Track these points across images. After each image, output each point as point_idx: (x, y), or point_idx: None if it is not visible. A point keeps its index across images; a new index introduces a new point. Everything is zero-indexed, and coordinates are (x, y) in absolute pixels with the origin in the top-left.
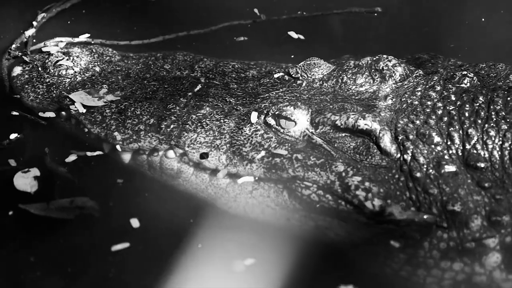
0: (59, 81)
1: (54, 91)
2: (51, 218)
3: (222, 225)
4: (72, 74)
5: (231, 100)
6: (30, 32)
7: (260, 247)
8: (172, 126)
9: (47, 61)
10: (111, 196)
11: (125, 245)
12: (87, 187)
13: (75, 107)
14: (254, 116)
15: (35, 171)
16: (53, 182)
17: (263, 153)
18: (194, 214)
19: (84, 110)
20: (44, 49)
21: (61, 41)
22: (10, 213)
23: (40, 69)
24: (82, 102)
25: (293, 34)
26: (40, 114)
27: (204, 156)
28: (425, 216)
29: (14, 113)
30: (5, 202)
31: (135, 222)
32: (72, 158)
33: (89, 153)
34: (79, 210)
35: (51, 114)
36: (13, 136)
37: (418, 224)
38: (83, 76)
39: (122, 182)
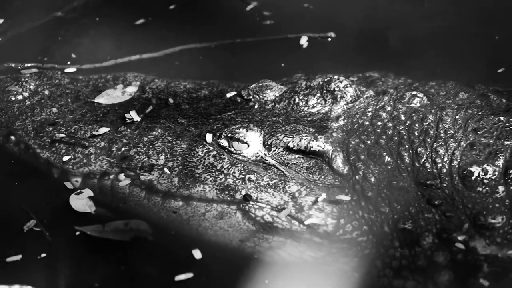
0: (8, 106)
1: (3, 116)
2: (111, 241)
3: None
4: (20, 98)
5: (183, 121)
6: None
7: (212, 267)
8: (123, 149)
9: None
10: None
11: (189, 275)
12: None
13: (130, 115)
14: (209, 137)
15: (88, 192)
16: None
17: (215, 174)
18: None
19: (139, 119)
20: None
21: (11, 66)
22: (77, 233)
23: None
24: (109, 102)
25: None
26: None
27: (247, 197)
28: (509, 252)
29: None
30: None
31: (197, 253)
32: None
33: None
34: (133, 233)
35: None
36: None
37: (501, 261)
38: (32, 100)
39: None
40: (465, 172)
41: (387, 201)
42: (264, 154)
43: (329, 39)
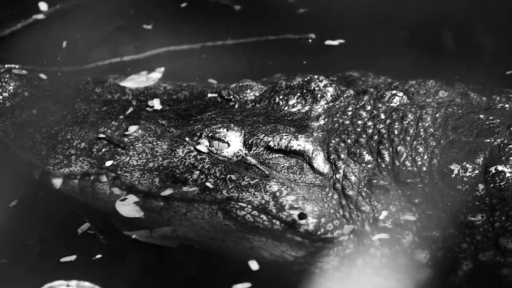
0: None
1: None
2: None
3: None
4: (0, 100)
5: (163, 122)
6: None
7: (150, 264)
8: (104, 150)
9: None
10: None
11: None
12: None
13: (153, 103)
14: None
15: (132, 197)
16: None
17: (196, 174)
18: None
19: (160, 107)
20: None
21: None
22: (134, 236)
23: None
24: (134, 86)
25: None
26: None
27: (303, 216)
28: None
29: None
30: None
31: (254, 265)
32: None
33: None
34: (180, 240)
35: None
36: None
37: (481, 260)
38: (12, 101)
39: None
40: (444, 170)
41: (368, 200)
42: (245, 153)
43: (310, 40)
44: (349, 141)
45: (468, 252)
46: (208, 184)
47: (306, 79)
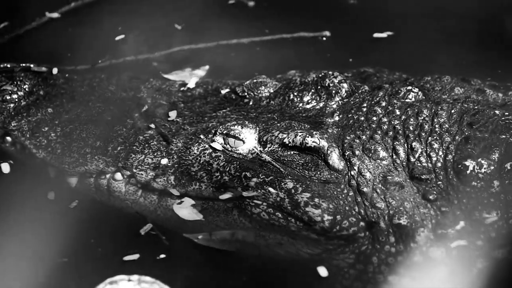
0: (3, 106)
1: None
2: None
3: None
4: (16, 99)
5: (178, 119)
6: None
7: (209, 266)
8: (119, 148)
9: None
10: None
11: None
12: None
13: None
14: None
15: (189, 200)
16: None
17: (211, 171)
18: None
19: (175, 118)
20: None
21: (7, 66)
22: (200, 236)
23: None
24: (177, 78)
25: None
26: None
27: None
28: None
29: None
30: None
31: (322, 271)
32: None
33: None
34: (239, 244)
35: None
36: None
37: (495, 256)
38: (27, 100)
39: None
40: (459, 166)
41: (383, 197)
42: (260, 151)
43: (324, 38)
44: (364, 137)
45: (483, 249)
46: (222, 181)
47: (320, 75)
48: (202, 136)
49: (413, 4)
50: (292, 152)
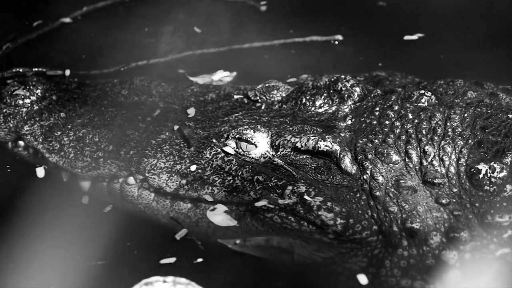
0: (16, 111)
1: (11, 121)
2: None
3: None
4: (28, 103)
5: (190, 124)
6: None
7: (220, 269)
8: (131, 152)
9: (3, 91)
10: None
11: None
12: None
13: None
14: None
15: (221, 207)
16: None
17: (224, 175)
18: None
19: (193, 114)
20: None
21: (19, 71)
22: (235, 242)
23: None
24: (203, 81)
25: None
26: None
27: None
28: None
29: None
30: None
31: (363, 279)
32: None
33: None
34: (274, 250)
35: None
36: None
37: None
38: (40, 104)
39: None
40: (472, 170)
41: (395, 200)
42: (272, 155)
43: (336, 42)
44: (376, 141)
45: (495, 252)
46: (235, 185)
47: (333, 79)
48: (214, 140)
49: (445, 4)
50: (304, 156)
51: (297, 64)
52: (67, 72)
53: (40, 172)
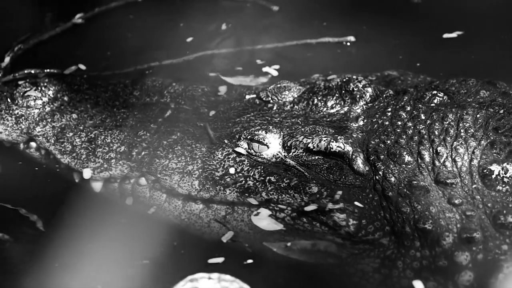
0: (27, 112)
1: (23, 123)
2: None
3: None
4: (40, 104)
5: (202, 124)
6: (4, 63)
7: (270, 271)
8: (143, 153)
9: (15, 92)
10: None
11: None
12: None
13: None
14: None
15: (265, 211)
16: None
17: (235, 176)
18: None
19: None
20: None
21: (31, 72)
22: (289, 243)
23: (8, 100)
24: (236, 83)
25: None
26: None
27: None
28: None
29: None
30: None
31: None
32: None
33: None
34: (320, 254)
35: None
36: None
37: None
38: (51, 106)
39: None
40: (485, 171)
41: (408, 201)
42: (284, 155)
43: (348, 44)
44: (388, 142)
45: (509, 254)
46: (247, 186)
47: (344, 80)
48: (226, 141)
49: (482, 2)
50: (316, 157)
51: (341, 62)
52: (82, 66)
53: (87, 173)
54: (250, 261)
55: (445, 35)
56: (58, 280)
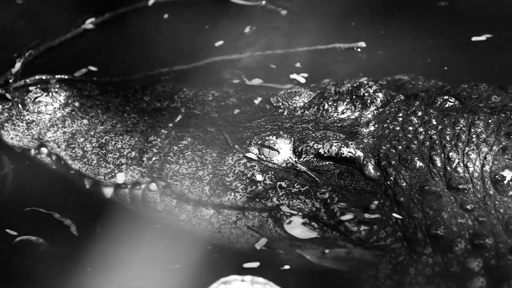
0: (38, 118)
1: (34, 128)
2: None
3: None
4: (51, 110)
5: (212, 129)
6: (15, 69)
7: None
8: (154, 159)
9: (26, 97)
10: None
11: None
12: None
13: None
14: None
15: (297, 219)
16: None
17: (246, 181)
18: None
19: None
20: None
21: (42, 78)
22: (327, 251)
23: (19, 106)
24: (265, 84)
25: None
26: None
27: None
28: None
29: None
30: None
31: None
32: None
33: None
34: (354, 262)
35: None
36: None
37: None
38: (62, 111)
39: None
40: (497, 176)
41: (420, 207)
42: (295, 161)
43: (359, 50)
44: (400, 147)
45: None
46: (257, 191)
47: (355, 85)
48: (236, 146)
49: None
50: (327, 163)
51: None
52: (93, 68)
53: (120, 177)
54: (287, 267)
55: (474, 38)
56: (91, 284)
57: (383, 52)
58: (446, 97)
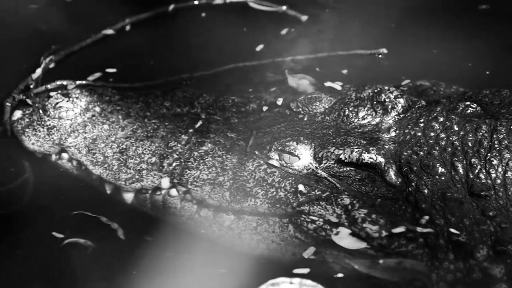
0: (59, 123)
1: (55, 134)
2: None
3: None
4: (72, 116)
5: (232, 135)
6: (36, 74)
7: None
8: (174, 164)
9: (47, 103)
10: None
11: None
12: None
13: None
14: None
15: (344, 230)
16: None
17: (267, 187)
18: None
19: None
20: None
21: (63, 84)
22: (381, 261)
23: (40, 111)
24: (303, 87)
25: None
26: None
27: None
28: None
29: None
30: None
31: None
32: None
33: None
34: (406, 273)
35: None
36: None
37: None
38: (83, 117)
39: None
40: None
41: (441, 213)
42: (315, 167)
43: (380, 56)
44: (421, 153)
45: None
46: (278, 197)
47: (376, 90)
48: (257, 152)
49: None
50: (348, 168)
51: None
52: (112, 70)
53: (165, 182)
54: (340, 275)
55: None
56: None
57: (407, 58)
58: (468, 103)
